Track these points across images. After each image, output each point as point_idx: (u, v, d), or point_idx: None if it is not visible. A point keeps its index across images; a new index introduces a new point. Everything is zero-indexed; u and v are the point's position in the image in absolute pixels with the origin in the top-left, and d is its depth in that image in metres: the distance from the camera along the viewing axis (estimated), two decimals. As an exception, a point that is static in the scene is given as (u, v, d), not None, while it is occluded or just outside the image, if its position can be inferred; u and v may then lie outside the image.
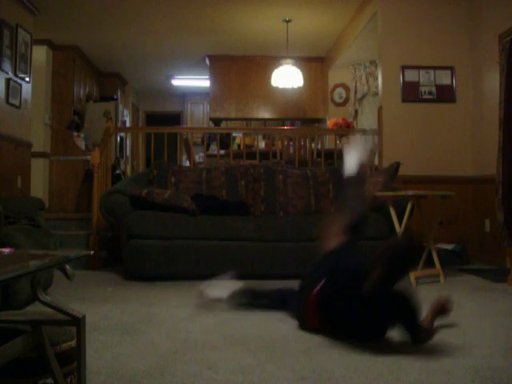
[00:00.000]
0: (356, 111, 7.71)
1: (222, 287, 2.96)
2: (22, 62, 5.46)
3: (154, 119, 11.12)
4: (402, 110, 5.34)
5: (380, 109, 5.41)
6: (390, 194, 4.07)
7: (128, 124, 9.22)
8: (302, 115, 8.33)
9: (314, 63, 8.29)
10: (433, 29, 5.39)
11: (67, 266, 1.58)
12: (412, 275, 3.78)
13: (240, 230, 4.21)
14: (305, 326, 2.51)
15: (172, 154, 5.94)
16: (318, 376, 1.91)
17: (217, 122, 8.49)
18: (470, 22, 5.37)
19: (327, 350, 2.22)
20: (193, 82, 9.79)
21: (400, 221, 3.93)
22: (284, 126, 8.36)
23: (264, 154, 6.02)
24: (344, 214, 2.82)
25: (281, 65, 6.81)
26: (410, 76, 5.34)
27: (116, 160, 7.54)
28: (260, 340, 2.37)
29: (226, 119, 8.49)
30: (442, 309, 2.52)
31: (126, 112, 9.04)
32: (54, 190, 7.07)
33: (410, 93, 5.33)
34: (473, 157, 5.32)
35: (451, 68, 5.36)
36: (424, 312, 2.39)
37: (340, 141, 6.65)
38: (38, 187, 6.67)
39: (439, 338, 2.39)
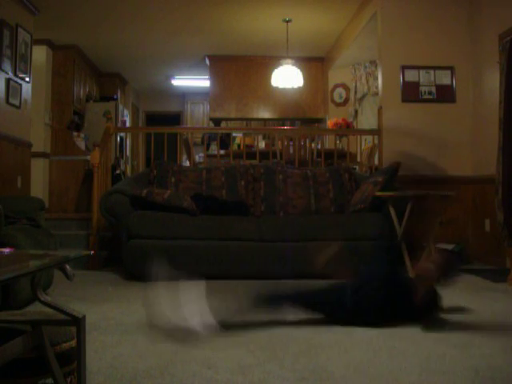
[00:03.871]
0: (356, 111, 7.71)
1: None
2: (21, 62, 5.46)
3: (153, 119, 11.13)
4: (402, 110, 5.33)
5: (380, 109, 5.41)
6: (390, 193, 4.07)
7: (128, 124, 9.22)
8: (301, 115, 8.33)
9: (314, 63, 8.28)
10: (433, 29, 5.39)
11: (67, 266, 1.58)
12: (412, 275, 3.78)
13: (240, 229, 4.21)
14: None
15: (172, 154, 5.94)
16: (317, 376, 1.91)
17: (217, 121, 8.48)
18: (470, 22, 5.37)
19: (327, 350, 2.22)
20: (193, 81, 9.78)
21: (400, 221, 3.93)
22: (284, 125, 8.36)
23: (264, 154, 6.02)
24: None
25: (281, 65, 6.81)
26: (410, 76, 5.33)
27: (116, 160, 7.54)
28: (260, 340, 2.37)
29: (226, 119, 8.48)
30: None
31: (126, 112, 9.04)
32: (54, 190, 7.07)
33: (410, 93, 5.33)
34: (473, 157, 5.32)
35: (451, 68, 5.35)
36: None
37: (340, 141, 6.66)
38: (38, 187, 6.67)
39: (439, 337, 2.40)
